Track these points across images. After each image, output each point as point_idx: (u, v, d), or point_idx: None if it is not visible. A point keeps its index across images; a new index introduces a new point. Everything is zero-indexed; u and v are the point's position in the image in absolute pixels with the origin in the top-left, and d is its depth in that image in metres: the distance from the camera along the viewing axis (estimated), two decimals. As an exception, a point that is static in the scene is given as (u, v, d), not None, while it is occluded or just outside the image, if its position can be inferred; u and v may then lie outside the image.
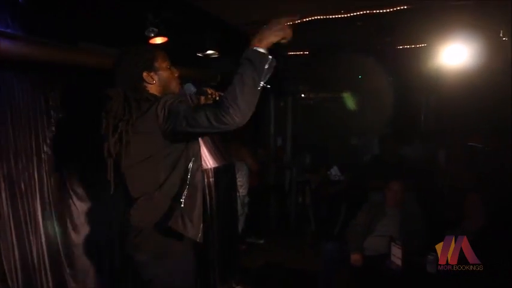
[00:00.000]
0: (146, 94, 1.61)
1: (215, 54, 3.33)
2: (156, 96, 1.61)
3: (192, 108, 1.47)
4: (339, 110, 6.12)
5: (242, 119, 1.35)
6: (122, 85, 1.61)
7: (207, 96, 1.93)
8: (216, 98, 1.92)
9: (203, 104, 1.91)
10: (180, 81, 1.79)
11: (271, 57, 1.37)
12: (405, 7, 2.78)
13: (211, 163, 3.36)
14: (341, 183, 4.67)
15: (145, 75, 1.63)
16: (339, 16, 2.94)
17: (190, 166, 1.63)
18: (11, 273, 2.11)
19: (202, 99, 1.95)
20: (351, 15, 2.91)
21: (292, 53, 4.28)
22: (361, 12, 2.89)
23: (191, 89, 1.93)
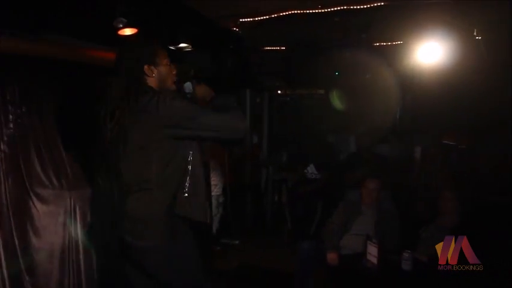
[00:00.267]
0: (145, 86, 1.70)
1: (188, 47, 3.22)
2: (154, 90, 1.70)
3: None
4: (315, 107, 6.11)
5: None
6: (124, 75, 1.68)
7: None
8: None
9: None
10: (177, 78, 1.86)
11: None
12: (382, 4, 2.78)
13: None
14: (317, 181, 4.65)
15: (146, 68, 1.72)
16: (317, 11, 2.90)
17: (191, 158, 1.72)
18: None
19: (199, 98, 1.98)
20: (329, 10, 2.88)
21: (269, 48, 4.21)
22: (338, 8, 2.87)
23: (190, 88, 1.95)
